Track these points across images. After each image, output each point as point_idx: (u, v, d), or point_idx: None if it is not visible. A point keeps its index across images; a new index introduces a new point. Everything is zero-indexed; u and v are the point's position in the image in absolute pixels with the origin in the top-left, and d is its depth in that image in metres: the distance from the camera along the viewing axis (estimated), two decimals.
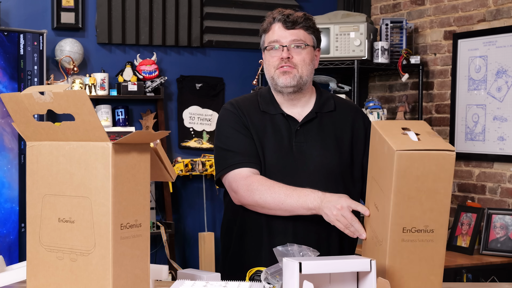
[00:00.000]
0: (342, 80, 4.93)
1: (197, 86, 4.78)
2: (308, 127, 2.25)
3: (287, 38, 2.21)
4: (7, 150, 3.79)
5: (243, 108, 2.27)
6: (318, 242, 2.15)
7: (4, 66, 3.78)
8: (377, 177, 1.77)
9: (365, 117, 2.36)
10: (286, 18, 2.22)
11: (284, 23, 2.22)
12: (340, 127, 2.28)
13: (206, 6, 4.77)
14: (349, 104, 2.39)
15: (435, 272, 1.68)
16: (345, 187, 2.21)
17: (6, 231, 3.78)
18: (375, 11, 5.10)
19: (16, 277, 1.84)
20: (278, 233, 2.19)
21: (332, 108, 2.30)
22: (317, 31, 2.29)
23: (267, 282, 1.73)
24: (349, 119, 2.30)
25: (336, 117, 2.29)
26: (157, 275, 1.88)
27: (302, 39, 2.22)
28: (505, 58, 4.14)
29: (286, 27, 2.22)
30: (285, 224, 2.17)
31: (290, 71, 2.20)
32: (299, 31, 2.23)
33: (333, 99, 2.34)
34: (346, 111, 2.32)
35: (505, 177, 4.15)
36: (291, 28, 2.22)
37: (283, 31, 2.22)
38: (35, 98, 1.39)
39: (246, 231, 2.26)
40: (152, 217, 4.44)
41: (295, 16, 2.23)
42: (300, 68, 2.21)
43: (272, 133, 2.23)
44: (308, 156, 2.20)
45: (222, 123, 2.28)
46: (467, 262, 3.76)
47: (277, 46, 2.22)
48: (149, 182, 1.43)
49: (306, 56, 2.23)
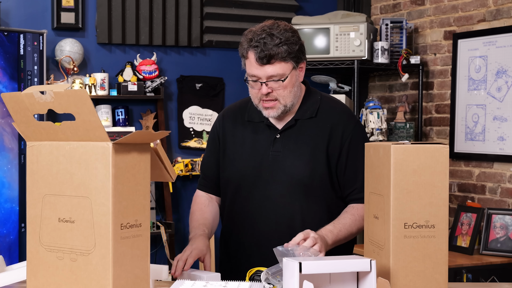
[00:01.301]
0: (342, 80, 4.93)
1: (197, 86, 4.78)
2: (287, 135, 2.24)
3: (265, 74, 2.11)
4: (7, 150, 3.79)
5: (229, 118, 2.34)
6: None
7: (4, 66, 3.78)
8: (375, 187, 1.79)
9: (348, 123, 2.25)
10: (261, 51, 2.07)
11: (259, 59, 2.08)
12: (318, 134, 2.23)
13: (206, 6, 4.77)
14: (335, 109, 2.29)
15: (440, 270, 1.69)
16: (317, 196, 2.22)
17: (6, 231, 3.78)
18: (375, 11, 5.10)
19: (16, 277, 1.84)
20: (259, 235, 2.24)
21: (313, 114, 2.25)
22: (297, 50, 2.13)
23: (267, 282, 1.73)
24: (327, 126, 2.23)
25: (315, 124, 2.24)
26: (157, 275, 1.89)
27: (280, 73, 2.11)
28: (505, 58, 4.14)
29: (261, 64, 2.09)
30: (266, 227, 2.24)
31: (273, 106, 2.16)
32: (275, 65, 2.09)
33: (319, 103, 2.27)
34: (327, 118, 2.25)
35: (505, 177, 4.15)
36: (267, 63, 2.09)
37: (259, 68, 2.10)
38: (35, 98, 1.39)
39: (231, 233, 2.34)
40: (152, 217, 4.44)
41: (270, 48, 2.07)
42: (282, 99, 2.15)
43: (252, 142, 2.26)
44: (281, 166, 2.21)
45: (208, 138, 2.44)
46: (467, 262, 3.76)
47: (255, 80, 2.14)
48: (149, 182, 1.43)
49: (288, 85, 2.14)
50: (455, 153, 4.42)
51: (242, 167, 2.26)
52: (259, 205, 2.23)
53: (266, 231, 2.22)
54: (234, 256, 2.31)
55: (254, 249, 2.24)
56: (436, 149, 1.70)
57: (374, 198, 1.80)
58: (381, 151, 1.75)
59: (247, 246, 2.27)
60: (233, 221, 2.30)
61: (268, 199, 2.22)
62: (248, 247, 2.26)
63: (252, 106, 2.28)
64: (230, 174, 2.29)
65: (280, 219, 2.21)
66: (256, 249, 2.23)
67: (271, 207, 2.22)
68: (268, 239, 2.17)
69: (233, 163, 2.28)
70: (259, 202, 2.23)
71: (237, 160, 2.27)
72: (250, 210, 2.24)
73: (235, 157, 2.28)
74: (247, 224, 2.26)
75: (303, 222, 2.19)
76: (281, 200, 2.21)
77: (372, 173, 1.82)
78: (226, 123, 2.34)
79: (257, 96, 2.17)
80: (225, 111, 2.41)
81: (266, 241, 2.16)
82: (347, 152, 2.22)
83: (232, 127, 2.32)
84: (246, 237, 2.26)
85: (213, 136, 2.38)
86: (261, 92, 2.14)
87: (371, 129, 4.43)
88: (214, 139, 2.37)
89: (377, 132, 4.43)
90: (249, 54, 2.12)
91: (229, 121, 2.34)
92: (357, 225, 2.21)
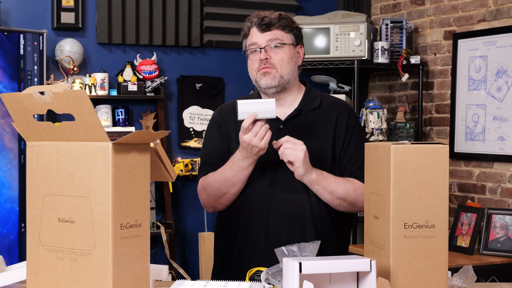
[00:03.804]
0: (342, 80, 4.93)
1: (197, 86, 4.78)
2: (291, 125, 2.28)
3: (263, 40, 2.25)
4: (7, 150, 3.80)
5: (227, 114, 2.34)
6: (291, 238, 2.19)
7: (4, 66, 3.78)
8: (375, 187, 1.80)
9: (351, 114, 2.35)
10: (261, 21, 2.26)
11: (259, 27, 2.26)
12: (323, 124, 2.29)
13: (206, 6, 4.77)
14: (337, 101, 2.39)
15: (440, 270, 1.69)
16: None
17: (6, 231, 3.78)
18: (375, 11, 5.10)
19: (16, 277, 1.84)
20: (252, 230, 2.25)
21: (316, 106, 2.31)
22: (295, 29, 2.31)
23: (267, 282, 1.73)
24: (333, 116, 2.30)
25: (320, 114, 2.30)
26: (157, 275, 1.89)
27: (279, 38, 2.25)
28: (505, 58, 4.14)
29: (261, 30, 2.26)
30: (260, 222, 2.24)
31: (270, 71, 2.23)
32: (275, 31, 2.25)
33: (320, 97, 2.35)
34: (331, 109, 2.32)
35: (505, 177, 4.15)
36: (266, 30, 2.25)
37: (259, 34, 2.26)
38: (35, 98, 1.39)
39: (224, 232, 2.34)
40: (152, 217, 4.44)
41: (270, 18, 2.26)
42: (280, 67, 2.24)
43: None
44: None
45: (205, 131, 2.43)
46: (467, 262, 3.75)
47: (255, 49, 2.25)
48: (149, 182, 1.43)
49: (284, 55, 2.25)
50: (455, 153, 4.42)
51: None
52: (265, 193, 2.24)
53: (274, 216, 2.23)
54: (239, 251, 2.29)
55: (262, 237, 2.24)
56: (436, 149, 1.70)
57: (374, 198, 1.80)
58: (381, 151, 1.75)
59: (253, 235, 2.26)
60: (239, 212, 2.29)
61: (275, 187, 2.24)
62: (255, 236, 2.26)
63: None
64: None
65: (289, 206, 2.24)
66: (264, 236, 2.24)
67: (278, 194, 2.23)
68: (278, 223, 2.22)
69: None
70: (266, 189, 2.24)
71: None
72: (256, 199, 2.25)
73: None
74: (255, 211, 2.25)
75: (311, 207, 2.24)
76: (289, 188, 2.23)
77: (372, 173, 1.82)
78: (225, 117, 2.35)
79: (255, 67, 2.26)
80: (222, 107, 2.42)
81: (275, 227, 2.22)
82: (350, 136, 2.29)
83: (232, 122, 2.32)
84: (253, 226, 2.26)
85: (214, 127, 2.37)
86: (260, 58, 2.23)
87: (371, 129, 4.43)
88: (215, 129, 2.36)
89: (377, 132, 4.43)
90: (251, 30, 2.28)
91: (228, 116, 2.34)
92: (347, 188, 2.23)
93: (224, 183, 2.23)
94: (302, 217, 2.23)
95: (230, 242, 2.31)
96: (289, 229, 2.23)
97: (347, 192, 2.22)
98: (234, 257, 2.30)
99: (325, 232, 2.25)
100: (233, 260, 2.29)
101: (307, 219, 2.23)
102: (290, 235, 2.22)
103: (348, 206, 2.25)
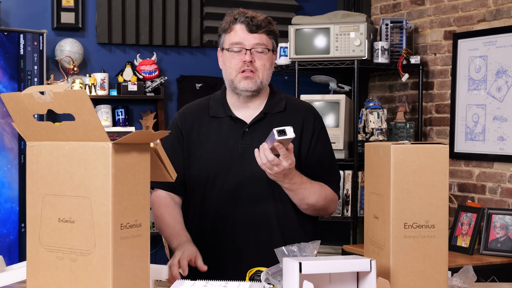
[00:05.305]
0: (342, 80, 4.93)
1: (197, 86, 4.78)
2: (256, 128, 2.26)
3: (250, 42, 2.21)
4: (7, 150, 3.80)
5: (189, 116, 2.32)
6: (257, 243, 2.21)
7: (4, 66, 3.78)
8: (375, 187, 1.80)
9: (316, 117, 2.34)
10: (250, 21, 2.21)
11: (248, 26, 2.21)
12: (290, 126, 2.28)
13: (206, 6, 4.77)
14: (302, 104, 2.39)
15: (440, 270, 1.70)
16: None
17: (6, 231, 3.78)
18: (375, 11, 5.10)
19: (16, 277, 1.84)
20: (219, 237, 2.24)
21: (282, 108, 2.30)
22: (276, 35, 2.28)
23: (267, 282, 1.73)
24: (299, 119, 2.29)
25: (285, 117, 2.29)
26: (157, 275, 1.89)
27: (264, 43, 2.22)
28: (505, 58, 4.14)
29: (249, 31, 2.21)
30: (225, 228, 2.24)
31: (252, 76, 2.21)
32: (261, 35, 2.22)
33: (285, 100, 2.33)
34: (296, 112, 2.31)
35: (505, 177, 4.15)
36: (254, 32, 2.21)
37: (247, 34, 2.21)
38: (35, 98, 1.39)
39: (192, 232, 2.31)
40: (152, 217, 4.44)
41: (259, 20, 2.22)
42: (261, 73, 2.23)
43: (219, 137, 2.27)
44: (252, 157, 2.18)
45: (165, 137, 2.35)
46: (467, 262, 3.75)
47: (240, 49, 2.21)
48: (149, 182, 1.43)
49: (267, 62, 2.24)
50: (455, 153, 4.42)
51: (211, 161, 2.25)
52: (230, 198, 2.23)
53: (240, 220, 2.22)
54: (206, 258, 2.23)
55: (229, 242, 2.23)
56: (436, 149, 1.70)
57: (374, 198, 1.80)
58: (381, 151, 1.75)
59: (220, 240, 2.24)
60: (204, 217, 2.27)
61: (240, 191, 2.22)
62: (222, 241, 2.23)
63: (215, 102, 2.31)
64: (198, 171, 2.27)
65: (254, 210, 2.22)
66: (231, 241, 2.22)
67: (244, 198, 2.22)
68: (244, 227, 2.21)
69: (200, 159, 2.26)
70: (231, 193, 2.22)
71: (205, 156, 2.26)
72: (222, 203, 2.24)
73: (202, 153, 2.27)
74: (221, 216, 2.24)
75: (277, 211, 2.23)
76: (253, 191, 2.22)
77: (372, 173, 1.82)
78: (187, 120, 2.32)
79: (237, 67, 2.22)
80: (184, 109, 2.38)
81: (241, 231, 2.21)
82: (317, 139, 2.29)
83: (195, 124, 2.30)
84: (219, 231, 2.24)
85: (174, 134, 2.32)
86: (245, 59, 2.20)
87: (371, 129, 4.43)
88: (175, 136, 2.32)
89: (377, 132, 4.43)
90: (235, 27, 2.23)
91: (190, 118, 2.32)
92: (319, 193, 2.21)
93: (159, 228, 2.33)
94: (268, 222, 2.22)
95: (198, 245, 2.24)
96: (255, 234, 2.22)
97: (318, 199, 2.22)
98: (204, 258, 2.27)
99: (292, 235, 2.24)
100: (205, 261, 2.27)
101: (273, 223, 2.23)
102: (256, 240, 2.21)
103: (314, 211, 2.26)
